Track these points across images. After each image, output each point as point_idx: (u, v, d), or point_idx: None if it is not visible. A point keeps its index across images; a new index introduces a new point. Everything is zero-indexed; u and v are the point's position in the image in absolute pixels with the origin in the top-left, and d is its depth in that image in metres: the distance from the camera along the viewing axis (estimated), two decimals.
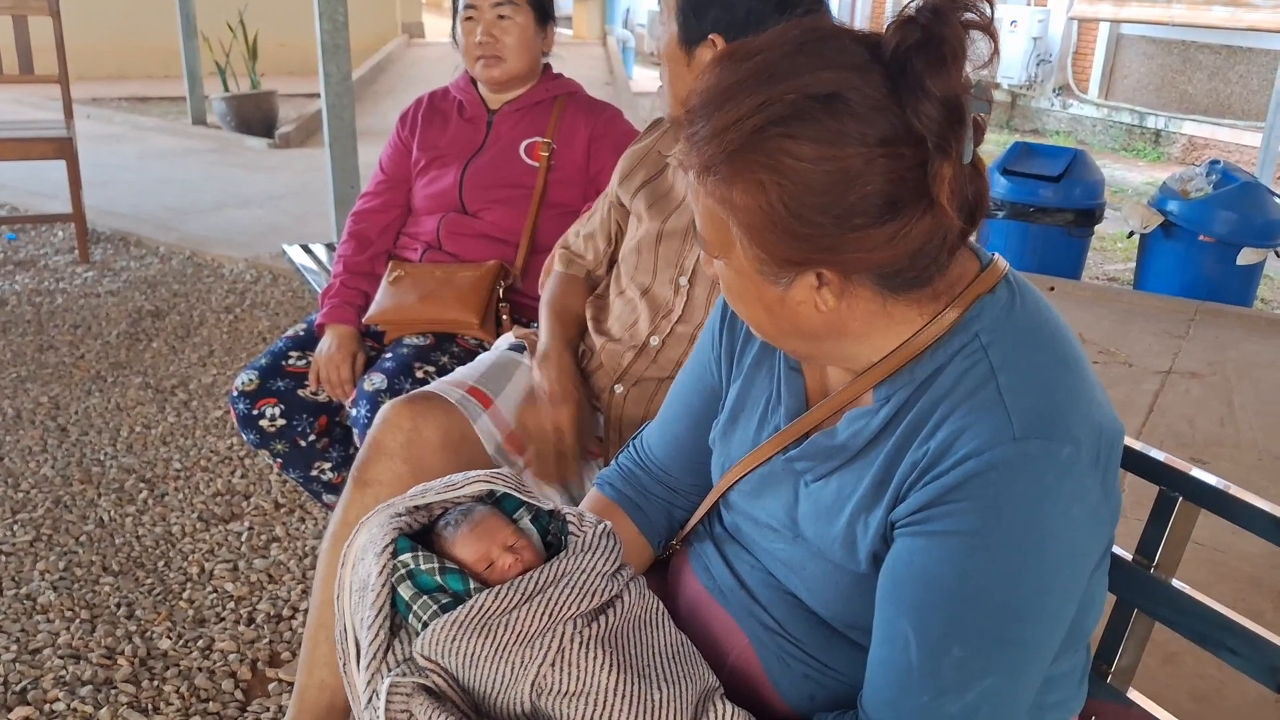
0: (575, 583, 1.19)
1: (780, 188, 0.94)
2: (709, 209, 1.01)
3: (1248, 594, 2.72)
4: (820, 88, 0.93)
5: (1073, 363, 1.05)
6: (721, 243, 1.03)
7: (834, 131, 0.92)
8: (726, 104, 0.96)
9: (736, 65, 0.98)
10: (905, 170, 0.93)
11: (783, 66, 0.95)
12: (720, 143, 0.96)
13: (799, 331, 1.07)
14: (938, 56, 0.93)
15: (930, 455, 1.01)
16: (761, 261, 1.00)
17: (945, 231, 0.98)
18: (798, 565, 1.19)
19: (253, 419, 2.37)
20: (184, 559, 2.77)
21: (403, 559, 1.20)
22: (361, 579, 1.22)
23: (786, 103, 0.93)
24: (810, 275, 0.99)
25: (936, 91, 0.92)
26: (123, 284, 4.91)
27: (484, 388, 1.89)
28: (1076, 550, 1.01)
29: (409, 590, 1.18)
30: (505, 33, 2.43)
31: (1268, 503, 1.25)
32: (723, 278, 1.08)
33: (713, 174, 0.97)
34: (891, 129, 0.93)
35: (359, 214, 2.64)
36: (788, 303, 1.03)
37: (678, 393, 1.43)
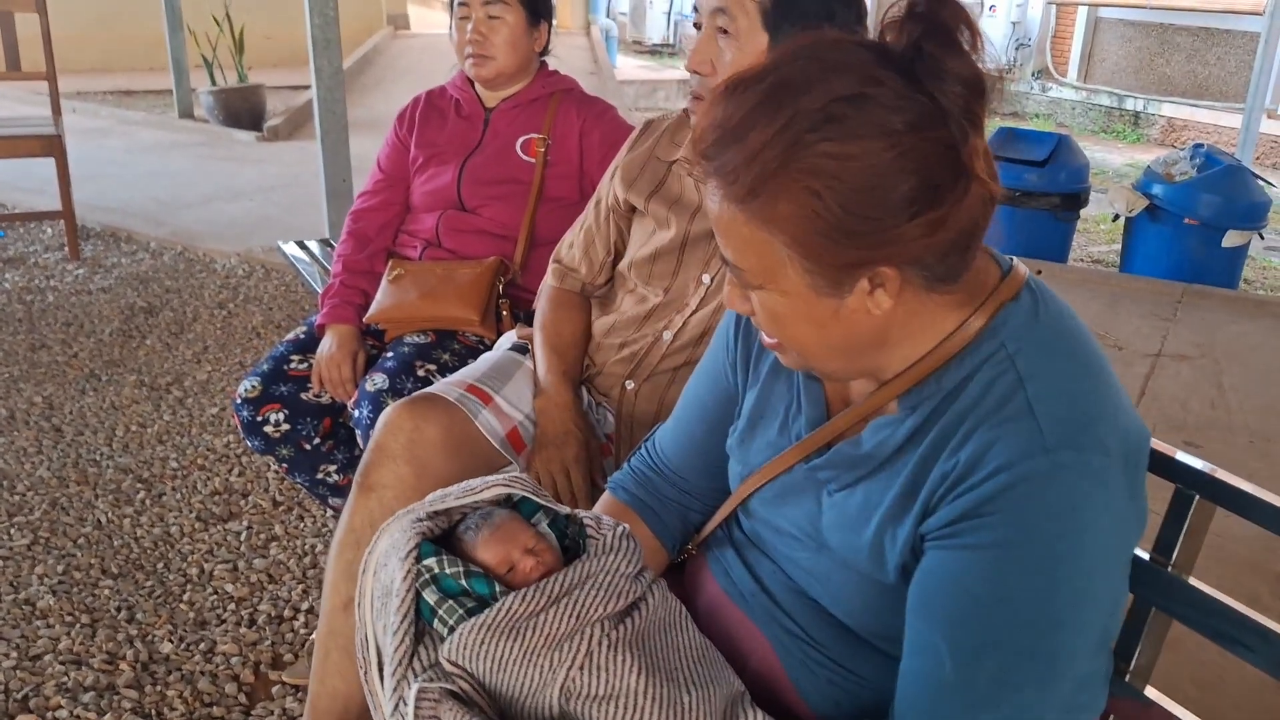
0: (600, 584, 1.19)
1: (832, 190, 0.94)
2: (750, 237, 1.00)
3: (1245, 578, 2.75)
4: (844, 89, 0.94)
5: (1098, 369, 1.05)
6: (766, 269, 1.01)
7: (871, 126, 0.93)
8: (753, 128, 0.96)
9: (747, 91, 0.98)
10: (940, 151, 0.94)
11: (799, 80, 0.96)
12: (760, 164, 0.95)
13: (848, 345, 1.06)
14: (949, 39, 0.95)
15: (961, 467, 1.01)
16: (815, 274, 0.99)
17: (985, 203, 0.99)
18: (822, 575, 1.19)
19: (257, 425, 2.36)
20: (183, 560, 2.77)
21: (427, 564, 1.20)
22: (384, 585, 1.22)
23: (815, 110, 0.94)
24: (864, 279, 0.99)
25: (957, 70, 0.94)
26: (114, 280, 4.87)
27: (483, 385, 1.90)
28: (1109, 559, 1.02)
29: (434, 595, 1.18)
30: (495, 32, 2.42)
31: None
32: (765, 308, 1.06)
33: (757, 196, 0.97)
34: (920, 114, 0.94)
35: (357, 213, 2.63)
36: (842, 314, 1.02)
37: (692, 396, 1.42)
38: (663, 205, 1.86)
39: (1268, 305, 5.05)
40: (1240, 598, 2.64)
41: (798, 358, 1.11)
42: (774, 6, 1.62)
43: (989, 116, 0.98)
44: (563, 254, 2.07)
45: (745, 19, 1.64)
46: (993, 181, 0.98)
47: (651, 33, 15.99)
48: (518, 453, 1.87)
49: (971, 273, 1.05)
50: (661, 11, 15.91)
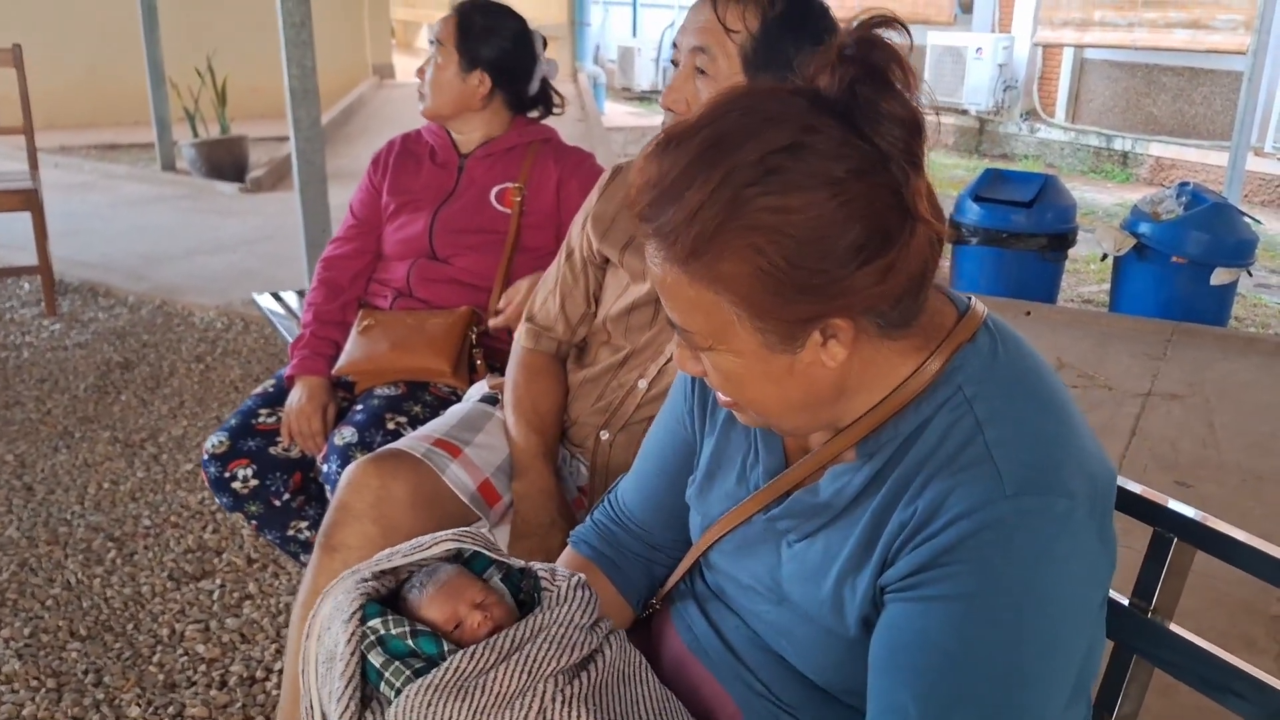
0: (553, 637, 1.15)
1: (776, 245, 0.91)
2: (695, 298, 0.97)
3: (1240, 620, 2.69)
4: (780, 140, 0.92)
5: (1060, 410, 1.02)
6: (715, 329, 0.98)
7: (811, 176, 0.90)
8: (690, 185, 0.93)
9: (681, 147, 0.95)
10: (885, 195, 0.92)
11: (733, 133, 0.93)
12: (699, 223, 0.92)
13: (805, 400, 1.03)
14: (882, 80, 0.92)
15: (919, 516, 0.98)
16: (767, 331, 0.96)
17: (933, 244, 0.96)
18: (785, 629, 1.15)
19: (225, 482, 2.31)
20: (154, 620, 2.70)
21: (372, 625, 1.15)
22: (328, 649, 1.17)
23: (753, 163, 0.91)
24: (816, 332, 0.96)
25: (894, 112, 0.92)
26: (91, 336, 4.82)
27: (452, 439, 1.83)
28: (1078, 606, 0.98)
29: (380, 657, 1.13)
30: (430, 70, 2.44)
31: (1266, 543, 1.21)
32: (717, 368, 1.03)
33: (699, 257, 0.93)
34: (861, 159, 0.92)
35: (329, 260, 2.59)
36: (797, 369, 0.99)
37: (651, 447, 1.39)
38: (638, 258, 1.80)
39: (1258, 343, 5.02)
40: (1235, 640, 2.57)
41: (756, 416, 1.08)
42: (755, 52, 1.59)
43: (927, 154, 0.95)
44: (536, 312, 1.97)
45: (725, 61, 1.61)
46: (938, 221, 0.96)
47: (640, 79, 16.07)
48: (490, 506, 1.82)
49: (927, 315, 1.02)
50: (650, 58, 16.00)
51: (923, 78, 0.95)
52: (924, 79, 0.95)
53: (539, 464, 1.81)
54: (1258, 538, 1.23)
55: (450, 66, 2.42)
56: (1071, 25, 10.83)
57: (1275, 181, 9.24)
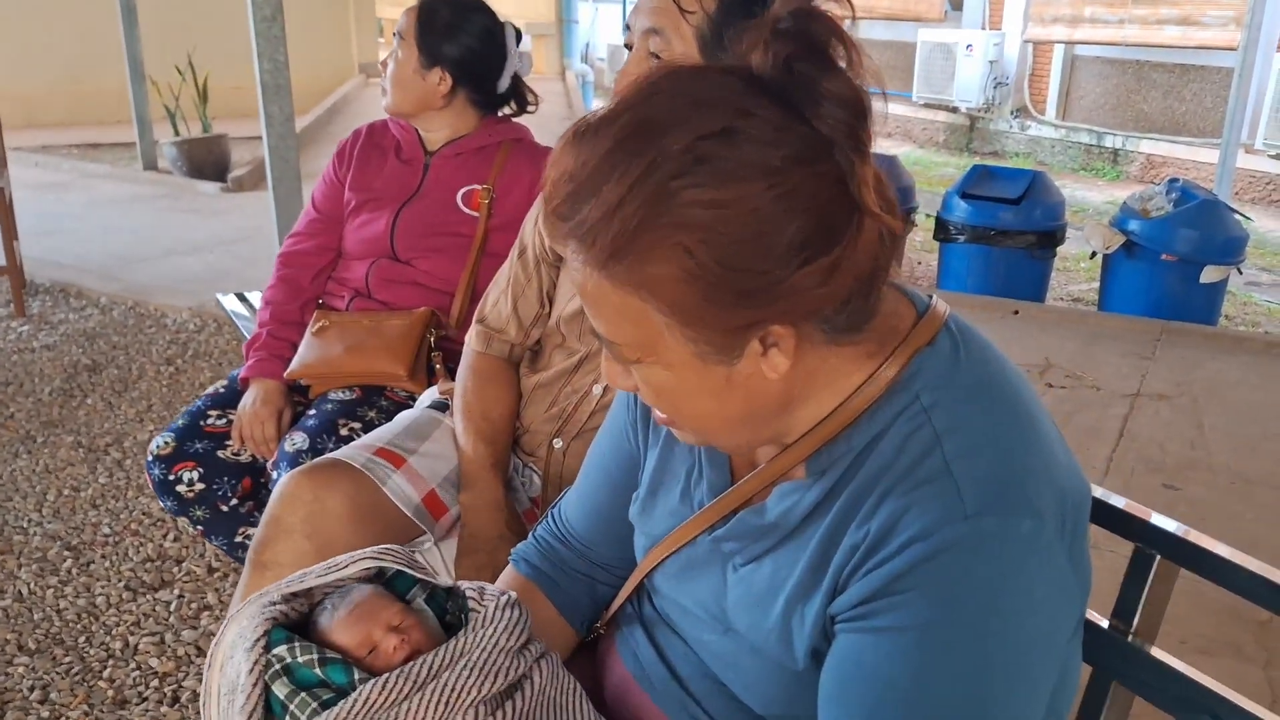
0: (474, 663, 1.06)
1: (707, 244, 0.81)
2: (620, 305, 0.86)
3: (1226, 626, 2.61)
4: (710, 125, 0.81)
5: (1027, 420, 0.92)
6: (643, 340, 0.88)
7: (745, 165, 0.80)
8: (609, 177, 0.82)
9: (598, 134, 0.84)
10: (827, 186, 0.82)
11: (657, 118, 0.83)
12: (619, 221, 0.81)
13: (746, 415, 0.93)
14: (822, 57, 0.83)
15: (872, 538, 0.88)
16: (700, 341, 0.86)
17: (881, 241, 0.86)
18: (731, 660, 1.05)
19: (169, 485, 2.22)
20: (107, 633, 2.60)
21: (277, 652, 1.06)
22: (230, 680, 1.07)
23: (679, 152, 0.80)
24: (755, 340, 0.86)
25: (835, 91, 0.82)
26: (59, 337, 4.72)
27: (395, 448, 1.73)
28: (1045, 635, 0.89)
29: (285, 688, 1.04)
30: (391, 65, 2.33)
31: (1254, 561, 1.13)
32: (649, 383, 0.93)
33: (621, 259, 0.83)
34: (800, 145, 0.82)
35: (288, 256, 2.47)
36: (736, 381, 0.89)
37: (595, 459, 1.29)
38: None
39: (1247, 342, 4.94)
40: (1223, 647, 2.46)
41: (694, 434, 0.99)
42: (712, 34, 1.48)
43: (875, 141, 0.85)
44: (488, 313, 1.86)
45: (680, 43, 1.50)
46: (890, 214, 0.85)
47: None
48: (435, 520, 1.72)
49: (881, 317, 0.93)
50: None
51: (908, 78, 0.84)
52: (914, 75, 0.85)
53: (488, 475, 1.71)
54: (1245, 555, 1.15)
55: (410, 63, 2.30)
56: (1062, 22, 10.76)
57: (1265, 179, 9.19)
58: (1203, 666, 1.15)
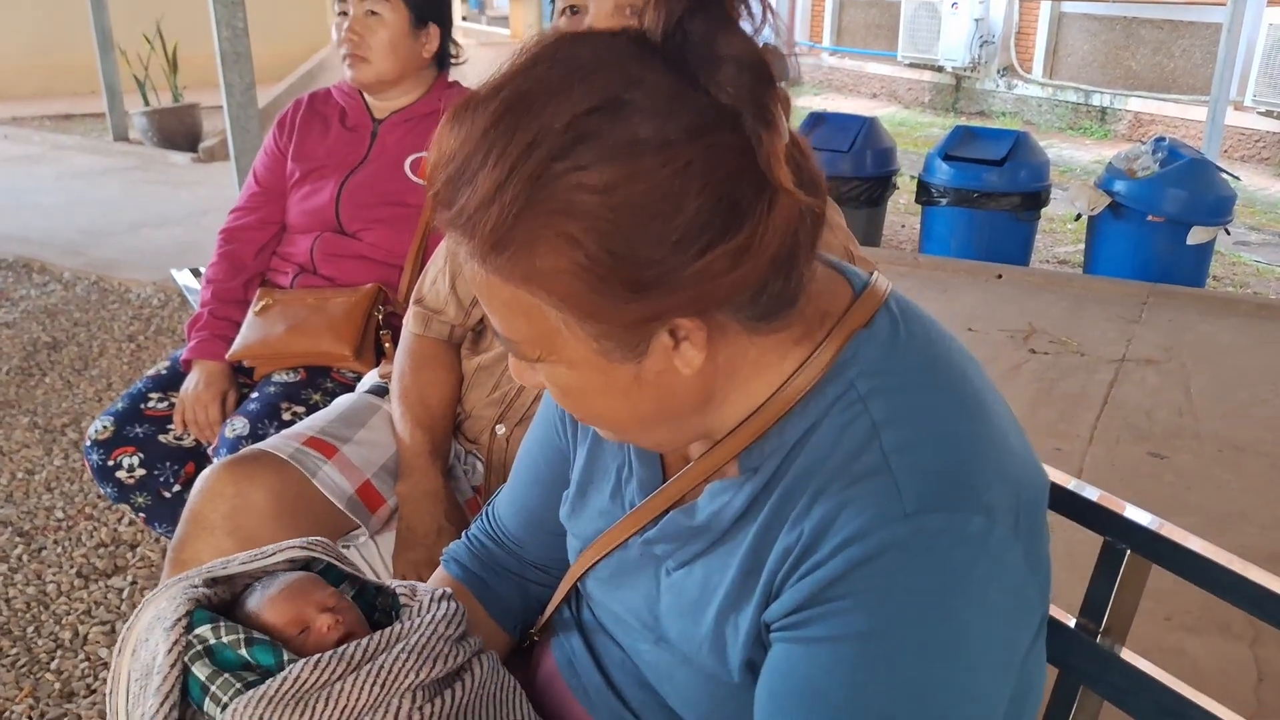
0: (413, 647, 0.99)
1: (595, 233, 0.72)
2: (511, 300, 0.77)
3: (1215, 603, 2.52)
4: (594, 98, 0.72)
5: (975, 406, 0.83)
6: (539, 337, 0.79)
7: (631, 141, 0.71)
8: (487, 160, 0.73)
9: (478, 111, 0.75)
10: (731, 160, 0.73)
11: (538, 91, 0.74)
12: (498, 208, 0.73)
13: (663, 413, 0.85)
14: (719, 14, 0.73)
15: (805, 540, 0.80)
16: (601, 338, 0.77)
17: (800, 219, 0.77)
18: (666, 672, 0.97)
19: (109, 470, 2.12)
20: (57, 623, 2.51)
21: (199, 633, 0.99)
22: (144, 664, 1.00)
23: (561, 129, 0.71)
24: (663, 334, 0.77)
25: (731, 52, 0.72)
26: (19, 314, 4.60)
27: (327, 436, 1.64)
28: (998, 646, 0.80)
29: (206, 669, 0.97)
30: (372, 32, 2.16)
31: (1231, 557, 1.04)
32: (554, 383, 0.85)
33: (502, 251, 0.74)
34: (698, 115, 0.72)
35: (230, 231, 2.37)
36: (645, 379, 0.80)
37: (524, 456, 1.19)
38: None
39: (1237, 304, 4.86)
40: (1210, 626, 2.36)
41: (612, 434, 0.91)
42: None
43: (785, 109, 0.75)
44: (425, 293, 1.75)
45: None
46: (809, 191, 0.76)
47: None
48: (372, 512, 1.63)
49: (810, 299, 0.83)
50: None
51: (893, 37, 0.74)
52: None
53: (425, 463, 1.62)
54: (1221, 550, 1.06)
55: (402, 25, 2.16)
56: None
57: (1255, 136, 9.08)
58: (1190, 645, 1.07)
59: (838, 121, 5.69)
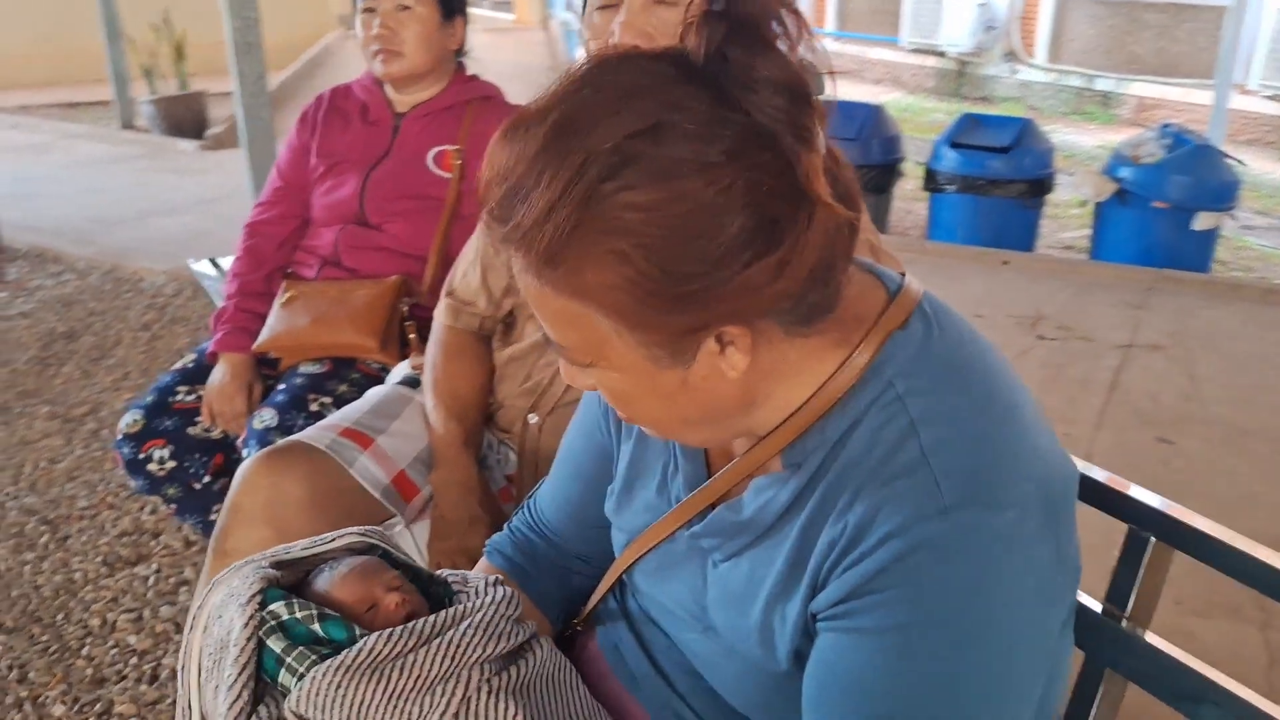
0: (479, 624, 1.04)
1: (643, 249, 0.75)
2: (563, 310, 0.81)
3: (1224, 587, 2.56)
4: (639, 122, 0.75)
5: (1007, 404, 0.87)
6: (590, 345, 0.83)
7: (676, 163, 0.75)
8: (540, 181, 0.77)
9: (529, 133, 0.79)
10: (770, 178, 0.76)
11: (585, 115, 0.77)
12: (552, 227, 0.76)
13: (707, 415, 0.89)
14: (757, 39, 0.76)
15: (849, 533, 0.84)
16: (651, 345, 0.81)
17: (837, 230, 0.81)
18: (713, 661, 1.01)
19: (140, 463, 2.16)
20: (85, 610, 2.56)
21: (273, 609, 1.04)
22: (218, 639, 1.04)
23: (608, 152, 0.75)
24: (710, 341, 0.81)
25: (771, 76, 0.76)
26: (36, 304, 4.64)
27: (362, 427, 1.67)
28: (1030, 635, 0.85)
29: (281, 643, 1.01)
30: (404, 25, 2.20)
31: (1254, 544, 1.07)
32: (604, 386, 0.89)
33: (556, 266, 0.78)
34: (738, 136, 0.76)
35: (253, 226, 2.41)
36: (691, 384, 0.84)
37: (567, 452, 1.24)
38: None
39: (1242, 289, 4.89)
40: (1220, 609, 2.40)
41: (658, 433, 0.95)
42: None
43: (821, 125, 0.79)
44: (456, 285, 1.78)
45: None
46: (846, 205, 0.80)
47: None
48: (406, 501, 1.66)
49: (847, 303, 0.87)
50: None
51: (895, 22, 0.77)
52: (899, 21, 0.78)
53: (458, 453, 1.66)
54: (1245, 538, 1.09)
55: (432, 18, 2.21)
56: None
57: (1260, 120, 9.09)
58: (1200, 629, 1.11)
59: (844, 109, 5.71)
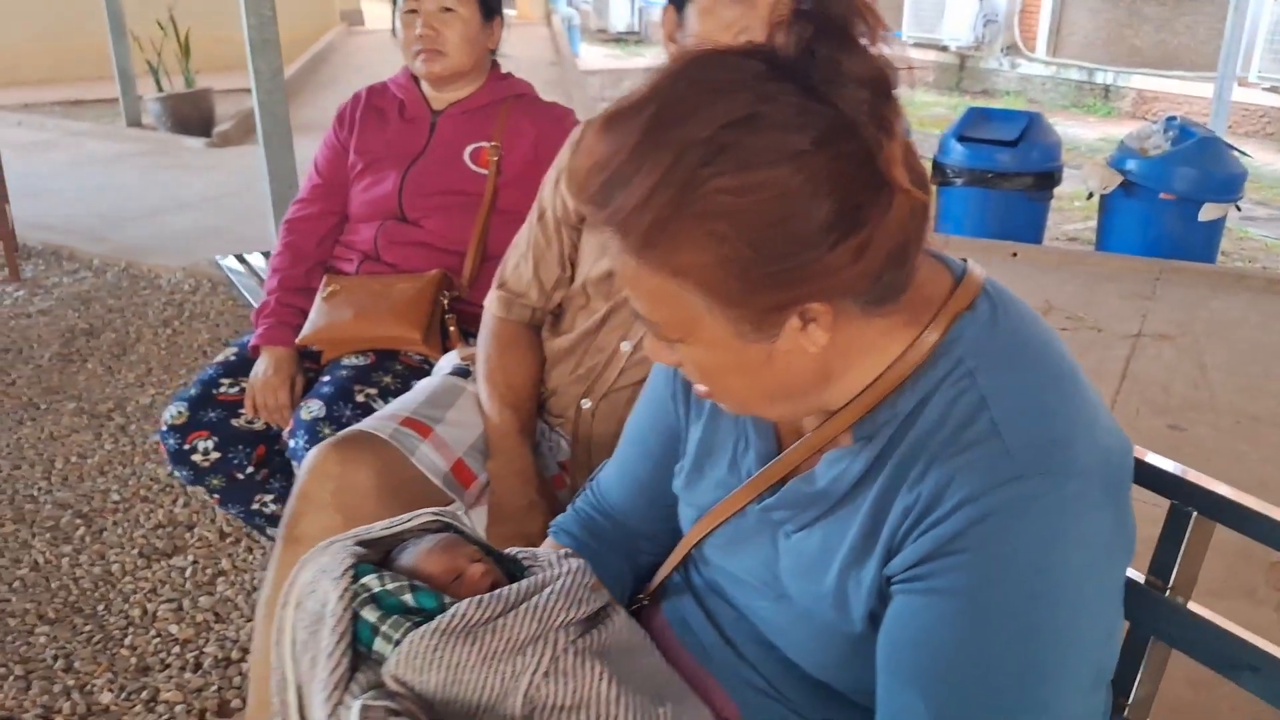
0: (560, 590, 1.11)
1: (738, 230, 0.82)
2: (658, 289, 0.88)
3: (1238, 568, 2.63)
4: (734, 113, 0.82)
5: (1069, 381, 0.94)
6: (682, 321, 0.89)
7: (770, 151, 0.81)
8: (640, 168, 0.83)
9: (627, 125, 0.85)
10: (854, 166, 0.82)
11: (679, 107, 0.84)
12: (652, 210, 0.83)
13: (787, 389, 0.95)
14: (843, 36, 0.83)
15: (924, 501, 0.90)
16: (740, 321, 0.87)
17: (913, 215, 0.87)
18: (785, 627, 1.07)
19: (184, 454, 2.21)
20: (125, 600, 2.61)
21: (364, 582, 1.10)
22: (312, 613, 1.10)
23: (705, 140, 0.81)
24: (794, 318, 0.87)
25: (856, 71, 0.82)
26: (54, 302, 4.68)
27: (421, 417, 1.72)
28: (1094, 594, 0.91)
29: (374, 613, 1.08)
30: (448, 26, 2.26)
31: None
32: (690, 361, 0.95)
33: (655, 246, 0.84)
34: (824, 127, 0.82)
35: (293, 222, 2.47)
36: (775, 358, 0.90)
37: (634, 432, 1.30)
38: None
39: (1248, 279, 4.95)
40: (1235, 590, 2.48)
41: (736, 407, 1.01)
42: None
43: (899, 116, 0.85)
44: (508, 277, 1.83)
45: None
46: (920, 189, 0.86)
47: (616, 21, 15.80)
48: (465, 488, 1.71)
49: (916, 285, 0.93)
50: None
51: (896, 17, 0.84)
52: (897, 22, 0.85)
53: (515, 442, 1.71)
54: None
55: (474, 19, 2.28)
56: None
57: (1260, 112, 9.16)
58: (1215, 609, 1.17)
59: None
